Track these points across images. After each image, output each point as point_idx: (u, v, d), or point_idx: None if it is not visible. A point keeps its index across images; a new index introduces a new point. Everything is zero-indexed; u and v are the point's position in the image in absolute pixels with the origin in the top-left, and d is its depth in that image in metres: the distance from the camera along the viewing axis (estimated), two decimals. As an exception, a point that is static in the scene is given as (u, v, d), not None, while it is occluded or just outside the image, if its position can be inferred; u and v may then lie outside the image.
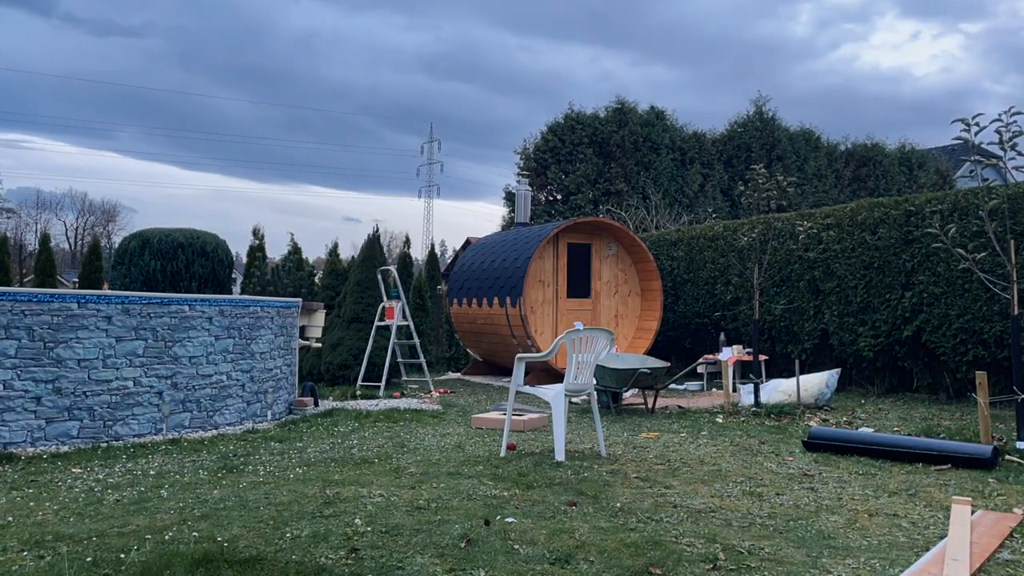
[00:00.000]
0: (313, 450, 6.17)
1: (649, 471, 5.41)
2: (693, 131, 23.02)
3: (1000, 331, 8.53)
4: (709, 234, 13.00)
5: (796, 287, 11.14)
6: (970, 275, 8.64)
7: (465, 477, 5.13)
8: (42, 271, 14.18)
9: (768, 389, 8.96)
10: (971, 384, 8.53)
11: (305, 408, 8.53)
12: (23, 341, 6.09)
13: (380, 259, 12.27)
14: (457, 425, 7.63)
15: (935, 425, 7.35)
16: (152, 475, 5.20)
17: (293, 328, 8.67)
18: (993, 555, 3.52)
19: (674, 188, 21.63)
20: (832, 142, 25.03)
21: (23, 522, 4.01)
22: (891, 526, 4.03)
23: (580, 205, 20.61)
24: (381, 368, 10.62)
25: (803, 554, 3.55)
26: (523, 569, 3.30)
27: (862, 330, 10.15)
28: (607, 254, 12.85)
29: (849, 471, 5.41)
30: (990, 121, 6.09)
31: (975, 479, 5.12)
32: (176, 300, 6.97)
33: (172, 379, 6.88)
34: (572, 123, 21.45)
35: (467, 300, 13.25)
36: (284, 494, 4.62)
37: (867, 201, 10.45)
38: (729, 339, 12.08)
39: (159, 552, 3.45)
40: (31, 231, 48.17)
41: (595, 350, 6.05)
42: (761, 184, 8.87)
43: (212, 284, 10.27)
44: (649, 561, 3.40)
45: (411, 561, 3.40)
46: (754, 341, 8.97)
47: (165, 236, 10.13)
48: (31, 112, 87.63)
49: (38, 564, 3.32)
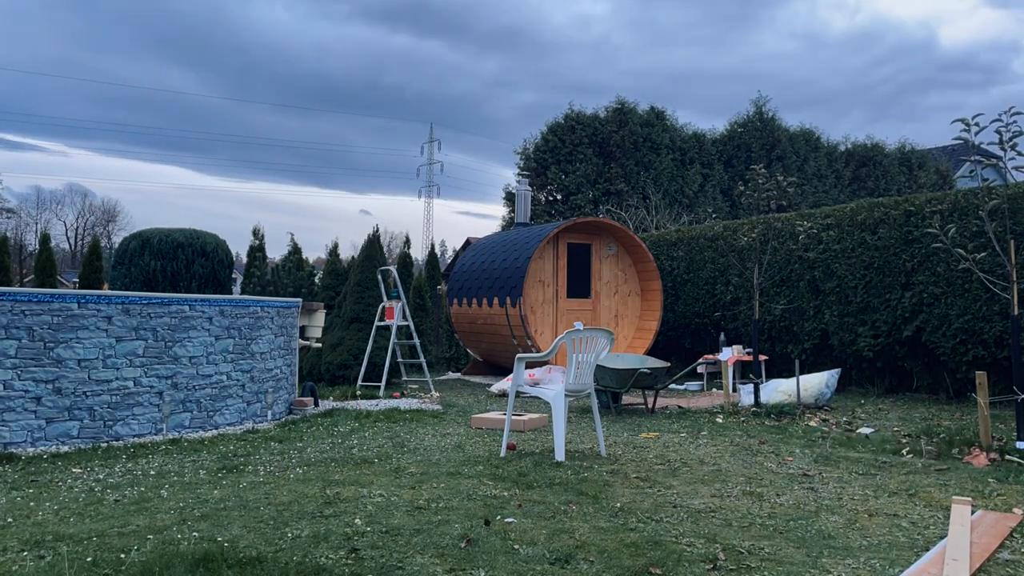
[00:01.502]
0: (313, 450, 6.17)
1: (649, 471, 5.41)
2: (693, 131, 23.03)
3: (1000, 331, 8.53)
4: (709, 234, 13.00)
5: (796, 287, 11.14)
6: (970, 275, 8.65)
7: (465, 477, 5.13)
8: (42, 271, 14.17)
9: (768, 389, 8.96)
10: (971, 384, 8.54)
11: (305, 408, 8.53)
12: (23, 341, 6.09)
13: (380, 259, 12.27)
14: (457, 425, 7.63)
15: (935, 425, 7.35)
16: (152, 475, 5.20)
17: (293, 328, 8.67)
18: (993, 555, 3.52)
19: (674, 188, 21.63)
20: (832, 142, 25.04)
21: (23, 522, 4.01)
22: (891, 526, 4.03)
23: (580, 205, 20.61)
24: (381, 368, 10.62)
25: (803, 554, 3.55)
26: (523, 569, 3.31)
27: (862, 330, 10.15)
28: (607, 254, 12.85)
29: (849, 471, 5.41)
30: (990, 121, 6.09)
31: (975, 479, 5.12)
32: (176, 300, 6.98)
33: (172, 379, 6.88)
34: (572, 123, 21.45)
35: (467, 300, 13.25)
36: (284, 494, 4.62)
37: (867, 201, 10.46)
38: (729, 339, 12.08)
39: (159, 552, 3.45)
40: (31, 231, 48.21)
41: (595, 350, 6.05)
42: (761, 184, 8.87)
43: (212, 284, 10.26)
44: (649, 561, 3.40)
45: (411, 561, 3.40)
46: (754, 341, 8.97)
47: (165, 236, 10.13)
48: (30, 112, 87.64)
49: (38, 564, 3.32)
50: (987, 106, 55.78)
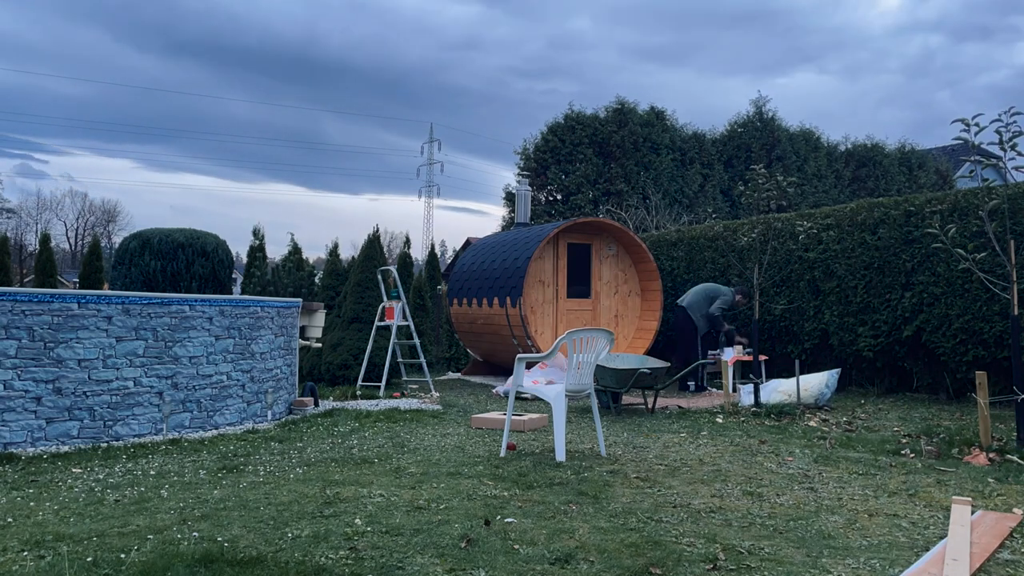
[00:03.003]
0: (313, 450, 6.17)
1: (649, 471, 5.41)
2: (693, 131, 23.04)
3: (1000, 331, 8.53)
4: (709, 234, 13.00)
5: (796, 287, 11.14)
6: (970, 275, 8.64)
7: (465, 477, 5.13)
8: (42, 271, 14.19)
9: (768, 389, 8.97)
10: (971, 384, 8.53)
11: (305, 408, 8.53)
12: (23, 341, 6.09)
13: (380, 259, 12.28)
14: (457, 425, 7.63)
15: (935, 425, 7.35)
16: (152, 475, 5.20)
17: (293, 328, 8.67)
18: (993, 555, 3.53)
19: (674, 188, 21.63)
20: (832, 142, 25.05)
21: (23, 522, 4.01)
22: (891, 526, 4.03)
23: (580, 205, 20.61)
24: (381, 368, 10.62)
25: (803, 554, 3.55)
26: (523, 569, 3.31)
27: (862, 330, 10.15)
28: (607, 254, 12.85)
29: (849, 471, 5.41)
30: (990, 121, 6.09)
31: (975, 479, 5.12)
32: (176, 300, 6.98)
33: (172, 379, 6.88)
34: (572, 123, 21.46)
35: (467, 300, 13.25)
36: (284, 494, 4.62)
37: (867, 201, 10.46)
38: (729, 339, 12.07)
39: (159, 552, 3.46)
40: (31, 231, 48.24)
41: (595, 350, 6.05)
42: (761, 184, 8.87)
43: (212, 284, 10.26)
44: (649, 561, 3.40)
45: (411, 561, 3.40)
46: (754, 341, 8.97)
47: (165, 236, 10.12)
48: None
49: (38, 564, 3.32)
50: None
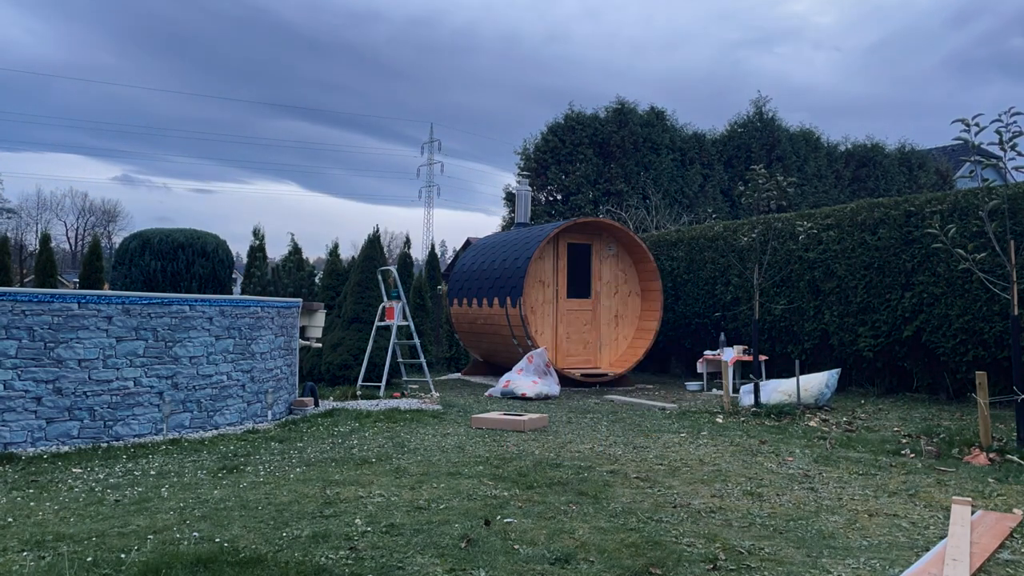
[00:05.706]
0: (313, 450, 6.17)
1: (649, 471, 5.41)
2: (693, 131, 23.03)
3: (1000, 331, 8.53)
4: (709, 234, 13.00)
5: (796, 287, 11.14)
6: (970, 275, 8.64)
7: (465, 477, 5.13)
8: (43, 271, 14.17)
9: (768, 389, 8.96)
10: (971, 384, 8.53)
11: (305, 408, 8.53)
12: (24, 341, 6.10)
13: (380, 259, 12.28)
14: (457, 425, 7.63)
15: (935, 425, 7.35)
16: (152, 475, 5.20)
17: (293, 328, 8.67)
18: (993, 555, 3.53)
19: (674, 188, 21.62)
20: (832, 142, 25.03)
21: (23, 522, 4.01)
22: (891, 526, 4.03)
23: (580, 205, 20.61)
24: (381, 368, 10.62)
25: (803, 554, 3.55)
26: (523, 569, 3.31)
27: (862, 330, 10.15)
28: (607, 254, 12.85)
29: (849, 471, 5.41)
30: (990, 121, 6.09)
31: (975, 479, 5.13)
32: (176, 300, 6.98)
33: (172, 379, 6.88)
34: (572, 123, 21.44)
35: (467, 300, 13.25)
36: (284, 494, 4.62)
37: (867, 201, 10.45)
38: (729, 339, 12.08)
39: (159, 552, 3.46)
40: (32, 231, 48.25)
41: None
42: (761, 184, 8.87)
43: (213, 284, 10.25)
44: (649, 561, 3.40)
45: (411, 561, 3.40)
46: (754, 341, 8.97)
47: (165, 236, 10.12)
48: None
49: (38, 564, 3.32)
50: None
